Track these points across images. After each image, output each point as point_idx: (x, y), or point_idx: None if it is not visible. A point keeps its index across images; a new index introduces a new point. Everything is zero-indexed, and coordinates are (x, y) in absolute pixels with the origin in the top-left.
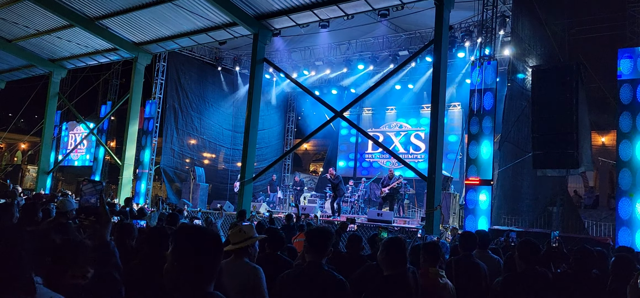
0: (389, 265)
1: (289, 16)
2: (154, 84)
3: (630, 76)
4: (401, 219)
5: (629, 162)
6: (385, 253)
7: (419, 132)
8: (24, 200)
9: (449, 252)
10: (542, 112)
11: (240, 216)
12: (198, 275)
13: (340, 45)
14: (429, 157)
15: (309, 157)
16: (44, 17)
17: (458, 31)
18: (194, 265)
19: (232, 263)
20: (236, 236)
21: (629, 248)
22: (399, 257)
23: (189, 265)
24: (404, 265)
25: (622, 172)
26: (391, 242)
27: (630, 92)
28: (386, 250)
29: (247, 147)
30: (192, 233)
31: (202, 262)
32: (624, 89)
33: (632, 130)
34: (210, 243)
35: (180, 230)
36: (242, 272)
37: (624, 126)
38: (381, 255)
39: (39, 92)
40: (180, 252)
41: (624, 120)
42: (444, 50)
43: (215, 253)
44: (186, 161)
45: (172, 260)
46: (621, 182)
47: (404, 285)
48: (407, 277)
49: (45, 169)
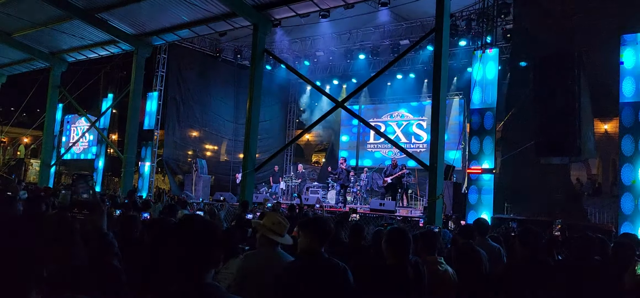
0: (391, 255)
1: (289, 6)
2: (154, 77)
3: (633, 69)
4: (404, 209)
5: (631, 157)
6: (387, 243)
7: (420, 121)
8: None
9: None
10: (545, 100)
11: (243, 207)
12: (194, 264)
13: (341, 35)
14: (430, 146)
15: (311, 148)
16: (42, 9)
17: (459, 19)
18: (190, 254)
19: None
20: (279, 226)
21: (631, 235)
22: (400, 247)
23: (186, 254)
24: (406, 255)
25: (625, 167)
26: (393, 232)
27: (632, 85)
28: (388, 240)
29: (249, 138)
30: (191, 223)
31: (199, 251)
32: (626, 82)
33: (634, 125)
34: (208, 233)
35: (180, 221)
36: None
37: (626, 120)
38: (384, 244)
39: (40, 85)
40: (178, 241)
41: (626, 114)
42: (446, 39)
43: (212, 243)
44: (188, 153)
45: (170, 250)
46: (623, 177)
47: (403, 275)
48: (406, 268)
49: (48, 163)
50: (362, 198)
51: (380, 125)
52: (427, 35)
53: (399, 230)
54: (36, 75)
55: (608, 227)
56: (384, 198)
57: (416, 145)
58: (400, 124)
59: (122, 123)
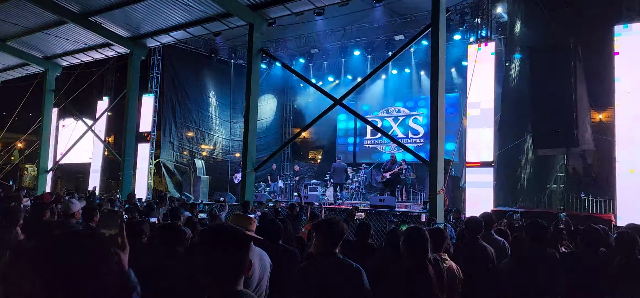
0: (410, 255)
1: (285, 5)
2: (150, 78)
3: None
4: (402, 204)
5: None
6: (407, 243)
7: (417, 116)
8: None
9: (456, 237)
10: (541, 92)
11: (244, 207)
12: (227, 273)
13: (336, 31)
14: (430, 141)
15: (307, 145)
16: (36, 14)
17: (453, 13)
18: (222, 263)
19: None
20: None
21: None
22: (420, 247)
23: (217, 263)
24: (426, 254)
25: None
26: (412, 231)
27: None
28: (407, 240)
29: (247, 138)
30: (219, 231)
31: (232, 260)
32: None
33: None
34: (239, 240)
35: (207, 230)
36: None
37: None
38: (403, 245)
39: (33, 90)
40: (209, 250)
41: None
42: (442, 34)
43: (244, 250)
44: (184, 154)
45: (200, 260)
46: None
47: (425, 275)
48: (427, 267)
49: (45, 168)
50: (361, 194)
51: (377, 121)
52: (423, 31)
53: (417, 229)
54: (29, 80)
55: (609, 217)
56: (383, 194)
57: (413, 139)
58: (397, 119)
59: (118, 125)
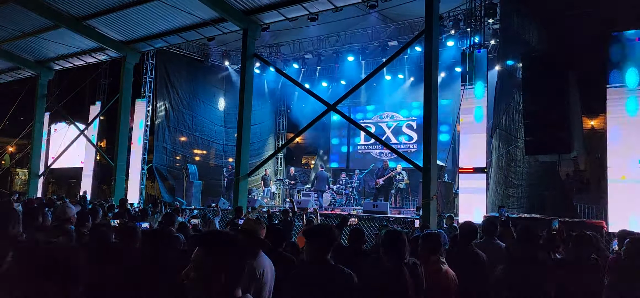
0: (387, 258)
1: (278, 10)
2: (143, 83)
3: (619, 62)
4: (396, 209)
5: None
6: (382, 246)
7: (410, 121)
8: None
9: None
10: (533, 98)
11: (237, 212)
12: (228, 280)
13: (329, 37)
14: (423, 147)
15: (301, 150)
16: (29, 18)
17: (447, 20)
18: (223, 271)
19: None
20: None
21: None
22: (394, 249)
23: (218, 271)
24: (401, 257)
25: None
26: (387, 235)
27: (619, 77)
28: (383, 244)
29: (240, 143)
30: (218, 238)
31: (231, 267)
32: (613, 75)
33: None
34: (238, 247)
35: (205, 236)
36: None
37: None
38: (381, 249)
39: (25, 94)
40: (209, 258)
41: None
42: (435, 40)
43: (243, 257)
44: (177, 158)
45: (200, 267)
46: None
47: (400, 278)
48: (402, 270)
49: (36, 172)
50: (354, 199)
51: (370, 126)
52: (417, 37)
53: (393, 232)
54: (20, 84)
55: (600, 223)
56: (377, 200)
57: (406, 145)
58: (390, 125)
59: (111, 130)
